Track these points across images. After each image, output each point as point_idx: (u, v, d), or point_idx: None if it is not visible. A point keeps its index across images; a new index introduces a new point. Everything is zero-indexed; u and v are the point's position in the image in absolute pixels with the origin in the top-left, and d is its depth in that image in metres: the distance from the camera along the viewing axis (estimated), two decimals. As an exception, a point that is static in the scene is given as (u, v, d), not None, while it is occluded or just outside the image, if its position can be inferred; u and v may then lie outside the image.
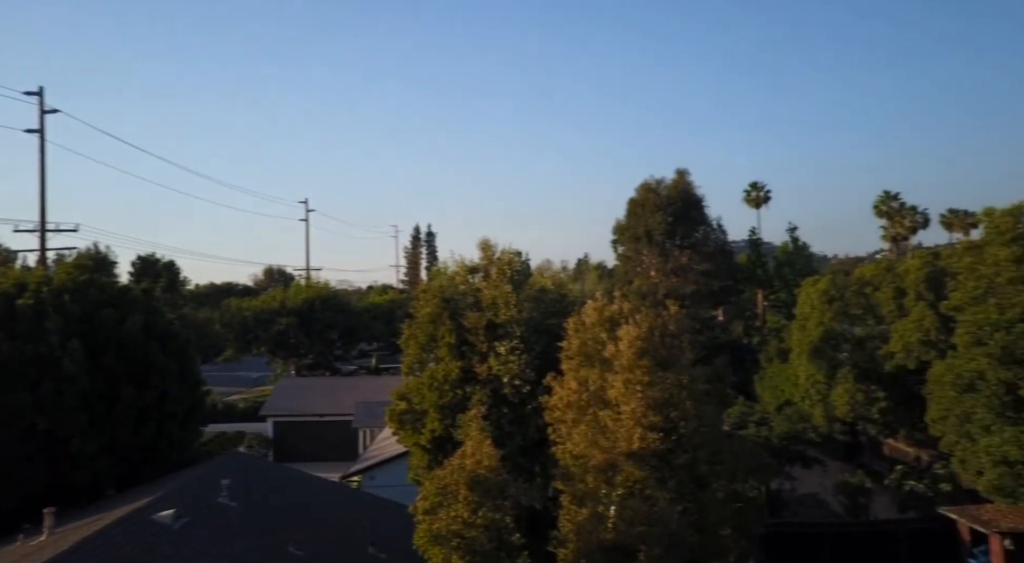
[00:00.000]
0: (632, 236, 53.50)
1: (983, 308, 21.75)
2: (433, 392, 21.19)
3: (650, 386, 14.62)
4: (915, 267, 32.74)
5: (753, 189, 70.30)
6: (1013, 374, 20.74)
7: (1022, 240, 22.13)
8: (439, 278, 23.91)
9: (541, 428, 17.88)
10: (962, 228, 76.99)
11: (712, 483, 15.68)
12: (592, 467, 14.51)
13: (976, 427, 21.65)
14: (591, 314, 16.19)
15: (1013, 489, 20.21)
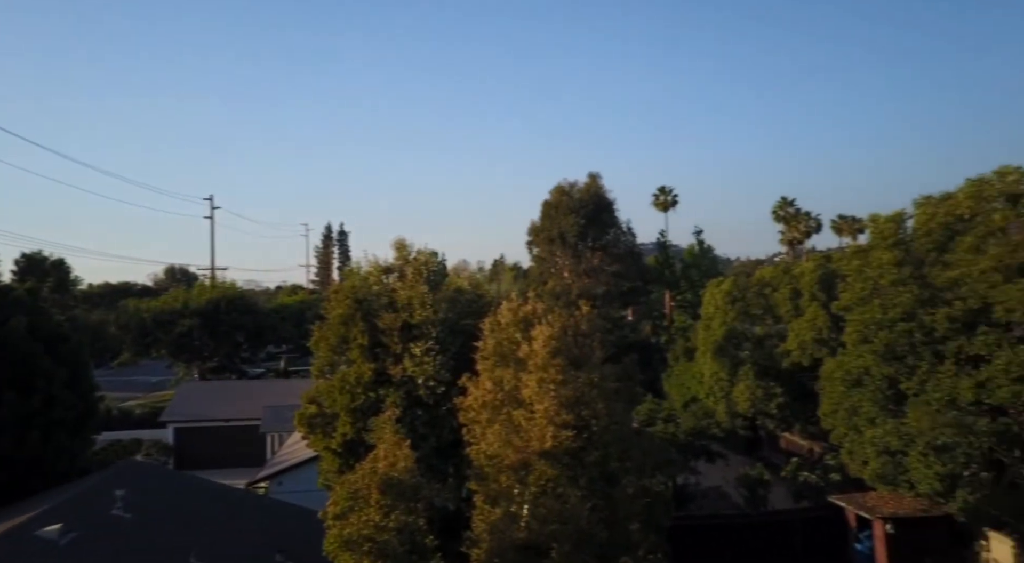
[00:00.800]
0: (546, 238, 54.14)
1: (869, 308, 23.21)
2: (345, 395, 20.73)
3: (563, 385, 14.77)
4: (809, 270, 34.62)
5: (661, 193, 72.69)
6: (894, 369, 22.24)
7: (903, 245, 23.79)
8: (352, 278, 23.39)
9: (455, 429, 17.78)
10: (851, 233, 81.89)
11: (622, 479, 15.97)
12: (506, 466, 14.53)
13: (862, 420, 23.09)
14: (506, 314, 16.23)
15: (894, 477, 21.67)
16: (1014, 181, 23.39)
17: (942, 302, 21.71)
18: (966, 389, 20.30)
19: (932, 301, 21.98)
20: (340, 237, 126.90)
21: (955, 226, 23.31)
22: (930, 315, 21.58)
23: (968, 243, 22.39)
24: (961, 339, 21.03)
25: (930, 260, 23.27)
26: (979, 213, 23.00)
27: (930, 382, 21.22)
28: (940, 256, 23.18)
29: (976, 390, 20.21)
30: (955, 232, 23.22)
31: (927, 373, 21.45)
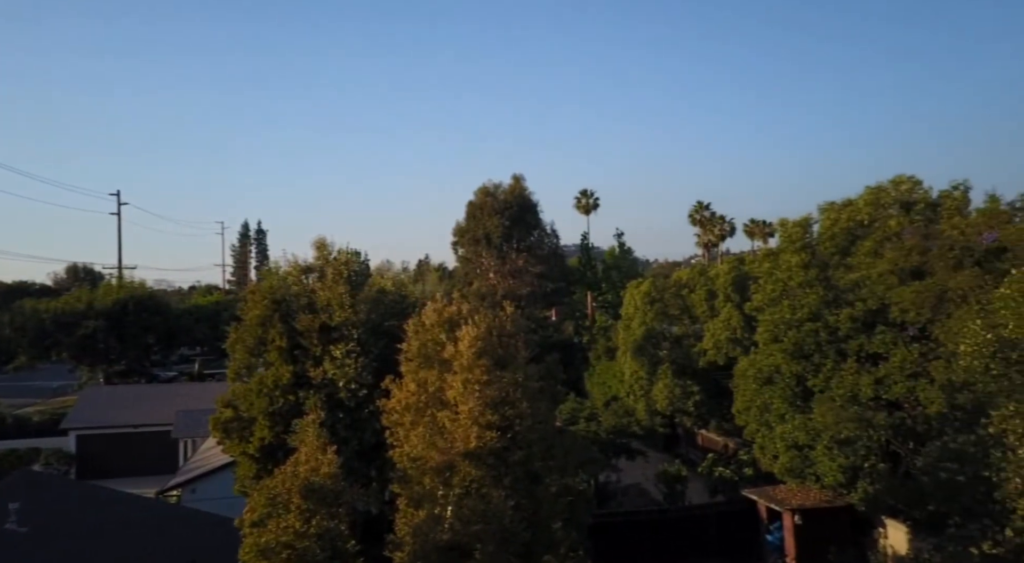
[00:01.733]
0: (471, 238, 54.20)
1: (779, 309, 24.31)
2: (263, 398, 20.14)
3: (488, 385, 14.76)
4: (724, 271, 35.92)
5: (583, 196, 74.08)
6: (802, 367, 23.37)
7: (809, 248, 25.04)
8: (270, 278, 22.75)
9: (378, 431, 17.55)
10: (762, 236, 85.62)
11: (545, 478, 16.09)
12: (430, 468, 14.42)
13: (773, 416, 24.15)
14: (431, 315, 16.10)
15: (801, 470, 22.77)
16: (907, 190, 25.02)
17: (845, 303, 22.96)
18: (866, 385, 21.54)
19: (836, 302, 23.21)
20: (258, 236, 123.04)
21: (856, 231, 24.72)
22: (834, 315, 22.78)
23: (867, 247, 23.78)
24: (862, 338, 22.29)
25: (834, 263, 24.57)
26: (877, 219, 24.48)
27: (834, 379, 22.40)
28: (843, 259, 24.52)
29: (875, 386, 21.47)
30: (856, 237, 24.62)
31: (832, 371, 22.63)
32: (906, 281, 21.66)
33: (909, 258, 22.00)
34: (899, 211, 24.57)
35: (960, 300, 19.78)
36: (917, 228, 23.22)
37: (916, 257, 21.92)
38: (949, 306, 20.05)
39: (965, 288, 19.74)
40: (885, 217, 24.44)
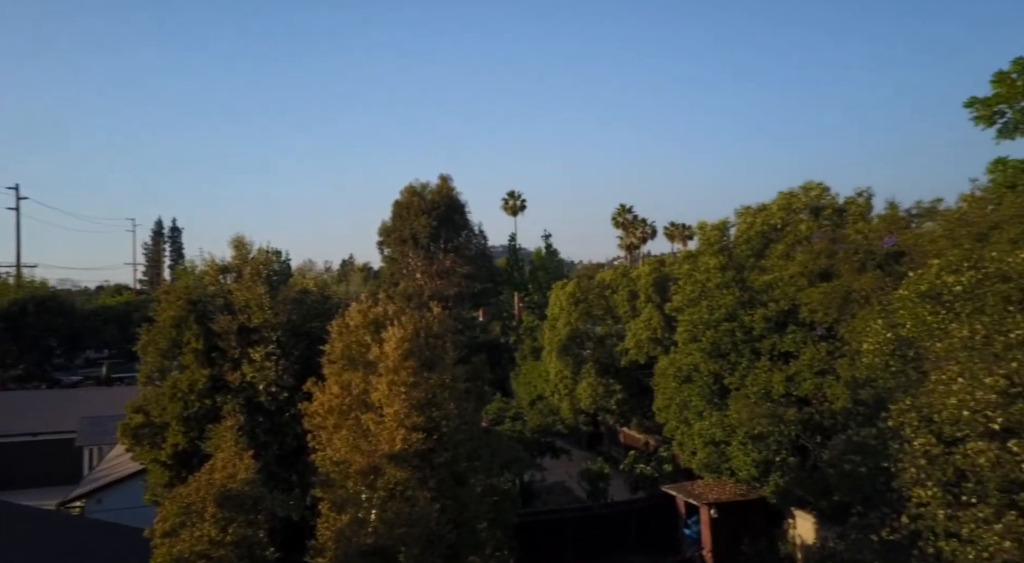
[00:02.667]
0: (398, 238, 53.64)
1: (697, 309, 25.13)
2: (177, 403, 19.36)
3: (414, 387, 14.68)
4: (645, 273, 36.84)
5: (511, 198, 74.38)
6: (719, 366, 24.24)
7: (727, 251, 26.01)
8: (185, 278, 21.92)
9: (300, 435, 17.16)
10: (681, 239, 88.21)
11: (470, 479, 16.13)
12: (353, 472, 14.22)
13: (692, 413, 24.94)
14: (356, 316, 15.88)
15: (717, 465, 23.60)
16: (816, 196, 26.35)
17: (759, 304, 23.96)
18: (778, 383, 22.54)
19: (751, 303, 24.18)
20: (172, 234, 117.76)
21: (770, 235, 25.84)
22: (749, 315, 23.72)
23: (780, 250, 24.89)
24: (774, 337, 23.31)
25: (749, 265, 25.60)
26: (789, 223, 25.66)
27: (749, 377, 23.33)
28: (758, 262, 25.57)
29: (786, 383, 22.49)
30: (770, 240, 25.73)
31: (747, 369, 23.56)
32: (815, 283, 22.78)
33: (818, 261, 23.15)
34: (809, 216, 25.85)
35: (863, 301, 20.95)
36: (825, 232, 24.47)
37: (824, 260, 23.08)
38: (854, 307, 21.21)
39: (868, 290, 20.93)
40: (796, 221, 25.65)
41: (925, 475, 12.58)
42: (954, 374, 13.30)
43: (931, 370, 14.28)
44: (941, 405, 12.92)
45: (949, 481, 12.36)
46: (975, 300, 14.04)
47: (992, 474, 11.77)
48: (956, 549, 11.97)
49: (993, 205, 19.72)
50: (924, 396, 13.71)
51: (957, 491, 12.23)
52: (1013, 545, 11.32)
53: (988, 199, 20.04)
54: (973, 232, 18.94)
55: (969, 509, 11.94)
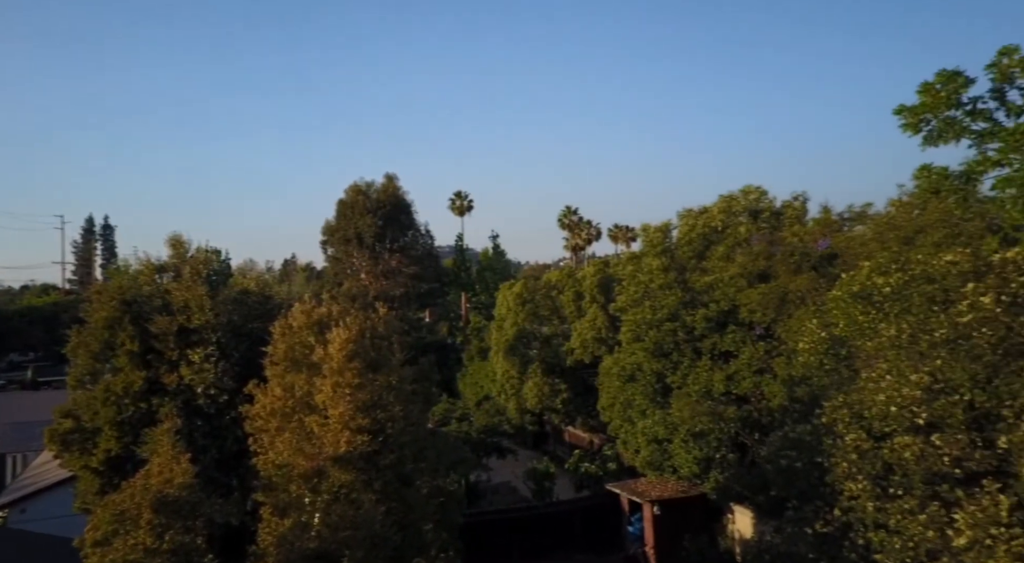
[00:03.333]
0: (342, 238, 52.90)
1: (641, 309, 25.57)
2: (110, 407, 18.67)
3: (360, 389, 14.53)
4: (590, 274, 37.28)
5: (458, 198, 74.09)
6: (662, 365, 24.72)
7: (669, 252, 26.53)
8: (119, 277, 21.13)
9: (240, 439, 16.78)
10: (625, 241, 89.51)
11: (417, 480, 16.05)
12: (296, 475, 13.99)
13: (635, 412, 25.35)
14: (299, 317, 15.61)
15: (660, 463, 24.07)
16: (755, 199, 27.14)
17: (700, 304, 24.52)
18: (719, 381, 23.12)
19: (692, 303, 24.74)
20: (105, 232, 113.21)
21: (711, 237, 26.47)
22: (691, 316, 24.26)
23: (720, 252, 25.53)
24: (715, 337, 23.90)
25: (691, 266, 26.18)
26: (729, 226, 26.35)
27: (690, 376, 23.86)
28: (699, 263, 26.18)
29: (726, 382, 23.09)
30: (710, 242, 26.37)
31: (688, 368, 24.09)
32: (753, 284, 23.45)
33: (756, 262, 23.84)
34: (748, 219, 26.59)
35: (799, 301, 21.68)
36: (763, 235, 25.22)
37: (762, 262, 23.78)
38: (790, 307, 21.92)
39: (803, 291, 21.67)
40: (736, 224, 26.36)
41: (856, 469, 13.11)
42: (883, 372, 13.90)
43: (862, 368, 14.89)
44: (871, 402, 13.48)
45: (878, 475, 12.90)
46: (902, 300, 14.69)
47: (917, 467, 12.34)
48: (884, 539, 12.51)
49: (919, 210, 20.66)
50: (855, 393, 14.29)
51: (885, 484, 12.78)
52: (935, 534, 11.90)
53: (914, 204, 20.97)
54: (900, 235, 19.82)
55: (896, 501, 12.50)
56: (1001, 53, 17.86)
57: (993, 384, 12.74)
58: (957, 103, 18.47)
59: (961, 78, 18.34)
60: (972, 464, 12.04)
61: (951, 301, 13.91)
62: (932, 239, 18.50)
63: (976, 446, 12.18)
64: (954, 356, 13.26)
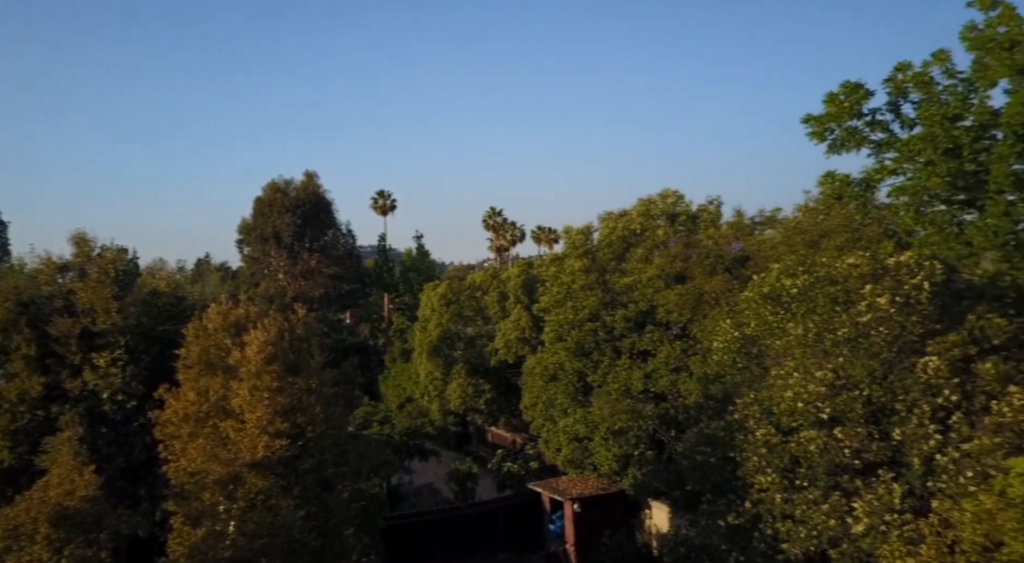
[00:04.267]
0: (259, 237, 51.41)
1: (563, 310, 25.96)
2: (3, 415, 17.56)
3: (278, 392, 14.25)
4: (514, 275, 37.55)
5: (380, 197, 72.84)
6: (583, 364, 25.17)
7: (591, 254, 27.04)
8: (13, 277, 19.85)
9: (149, 446, 16.10)
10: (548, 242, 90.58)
11: (337, 484, 15.84)
12: (211, 482, 13.55)
13: (557, 411, 25.72)
14: (214, 318, 15.12)
15: (581, 461, 24.49)
16: (672, 203, 28.03)
17: (620, 305, 25.10)
18: (637, 379, 23.73)
19: (613, 304, 25.30)
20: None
21: (630, 239, 27.15)
22: (611, 316, 24.80)
23: (639, 254, 26.23)
24: (634, 336, 24.52)
25: (611, 268, 26.78)
26: (648, 229, 27.10)
27: (611, 374, 24.39)
28: (619, 265, 26.80)
29: (645, 380, 23.72)
30: (630, 244, 27.04)
31: (608, 367, 24.62)
32: (671, 285, 24.19)
33: (673, 265, 24.61)
34: (666, 222, 27.43)
35: (714, 302, 22.51)
36: (680, 238, 26.06)
37: (679, 264, 24.57)
38: (705, 308, 22.73)
39: (718, 292, 22.51)
40: (654, 227, 27.13)
41: (765, 463, 13.74)
42: (790, 369, 14.63)
43: (772, 366, 15.62)
44: (780, 398, 14.17)
45: (785, 468, 13.57)
46: (808, 301, 15.48)
47: (821, 459, 13.05)
48: (790, 529, 13.17)
49: (823, 215, 21.82)
50: (765, 390, 14.97)
51: (792, 476, 13.46)
52: (836, 523, 12.62)
53: (819, 210, 22.13)
54: (807, 239, 20.89)
55: (801, 492, 13.18)
56: (897, 69, 19.04)
57: (888, 380, 13.64)
58: (859, 113, 19.54)
59: (862, 90, 19.43)
60: (870, 455, 12.83)
61: (852, 302, 14.77)
62: (835, 243, 19.57)
63: (873, 438, 12.99)
64: (854, 354, 14.11)
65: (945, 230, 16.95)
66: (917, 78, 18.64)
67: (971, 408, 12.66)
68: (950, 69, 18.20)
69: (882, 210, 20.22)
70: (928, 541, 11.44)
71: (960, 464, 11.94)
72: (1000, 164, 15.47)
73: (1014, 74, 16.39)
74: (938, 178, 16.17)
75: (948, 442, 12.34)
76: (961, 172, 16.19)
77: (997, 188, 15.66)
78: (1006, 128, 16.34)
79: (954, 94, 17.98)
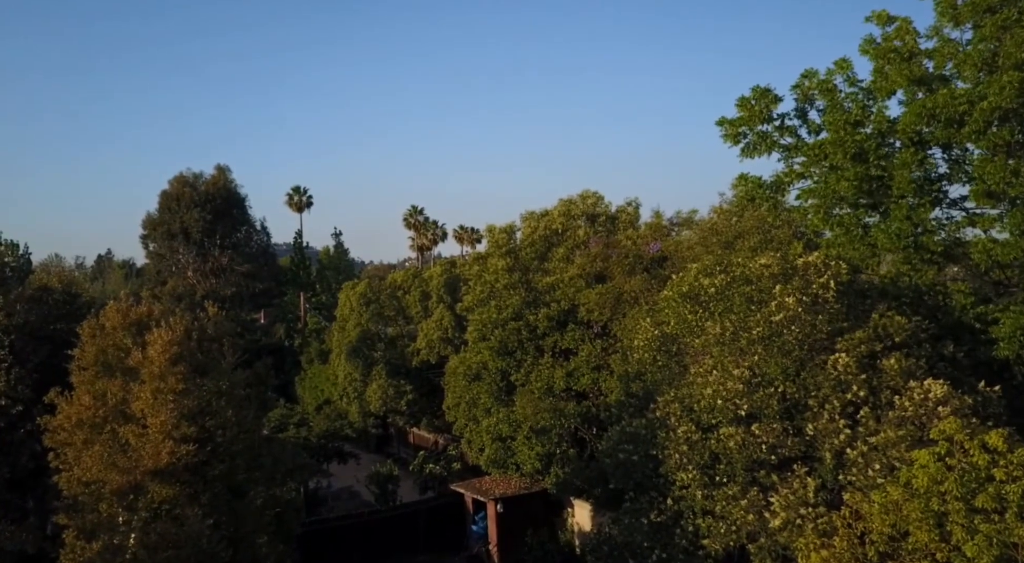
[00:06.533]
0: (166, 232, 48.89)
1: (487, 309, 25.73)
2: None
3: (184, 394, 13.52)
4: (437, 274, 37.10)
5: (296, 193, 70.07)
6: (507, 363, 25.00)
7: (513, 253, 26.90)
8: None
9: (38, 455, 14.88)
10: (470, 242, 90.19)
11: (249, 491, 15.22)
12: (109, 492, 12.62)
13: (480, 411, 25.45)
14: (112, 317, 14.13)
15: (504, 461, 24.32)
16: (593, 203, 28.23)
17: (543, 304, 25.08)
18: (559, 378, 23.74)
19: (535, 303, 25.25)
20: None
21: (552, 239, 27.18)
22: (534, 315, 24.74)
23: (561, 254, 26.29)
24: (556, 335, 24.53)
25: (534, 267, 26.73)
26: (569, 229, 27.19)
27: (534, 373, 24.31)
28: (541, 264, 26.79)
29: (567, 379, 23.76)
30: (552, 244, 27.07)
31: (531, 365, 24.54)
32: (591, 284, 24.34)
33: (594, 264, 24.77)
34: (586, 222, 27.60)
35: (633, 301, 22.77)
36: (600, 238, 26.26)
37: (599, 263, 24.75)
38: (625, 307, 22.96)
39: (637, 291, 22.79)
40: (575, 227, 27.25)
41: (686, 460, 13.88)
42: (709, 367, 14.86)
43: (691, 364, 15.83)
44: (700, 395, 14.35)
45: (705, 464, 13.75)
46: (725, 300, 15.80)
47: (739, 456, 13.28)
48: (711, 525, 13.34)
49: (737, 217, 22.42)
50: (685, 388, 15.15)
51: (712, 473, 13.64)
52: (755, 518, 12.85)
53: (733, 211, 22.74)
54: (722, 240, 21.40)
55: (721, 488, 13.38)
56: (803, 76, 19.77)
57: (801, 376, 14.03)
58: (769, 118, 20.18)
59: (771, 95, 20.08)
60: (785, 450, 13.15)
61: (765, 301, 15.14)
62: (749, 244, 20.13)
63: (788, 434, 13.32)
64: (769, 351, 14.45)
65: (851, 232, 17.64)
66: (822, 85, 19.39)
67: (877, 403, 13.16)
68: (851, 77, 19.05)
69: (792, 212, 20.95)
70: (840, 533, 11.79)
71: (868, 457, 12.39)
72: (902, 170, 16.23)
73: (911, 84, 17.22)
74: (846, 182, 16.80)
75: (857, 436, 12.78)
76: (867, 177, 16.88)
77: (900, 193, 16.42)
78: (902, 136, 17.20)
79: (855, 101, 18.79)
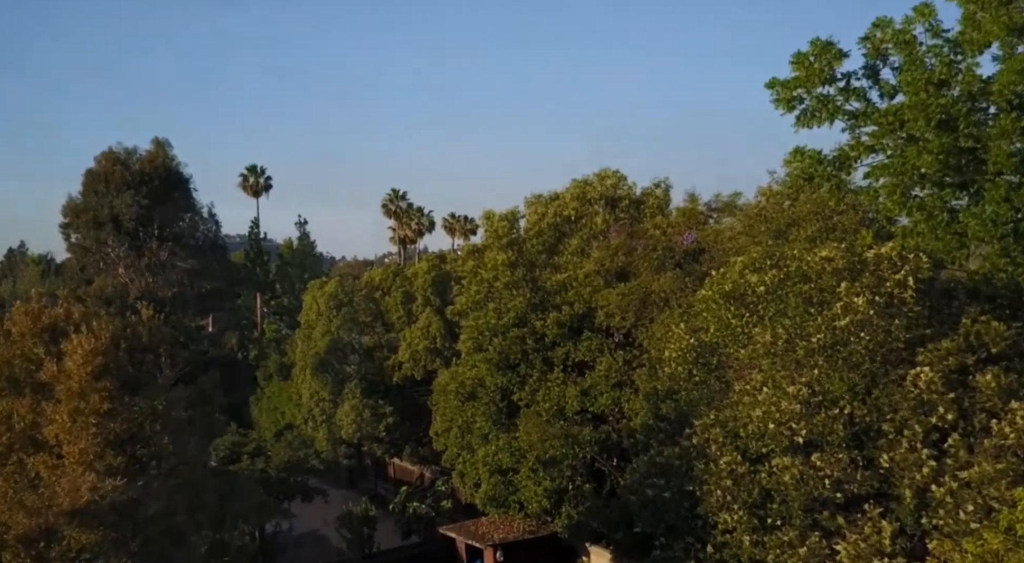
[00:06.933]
0: (92, 220, 48.73)
1: (484, 313, 25.60)
2: None
3: (110, 416, 13.60)
4: (423, 271, 37.01)
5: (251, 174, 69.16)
6: (508, 379, 24.84)
7: (516, 245, 26.69)
8: None
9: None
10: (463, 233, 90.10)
11: (192, 536, 15.26)
12: (14, 539, 12.55)
13: (475, 437, 25.29)
14: (20, 321, 14.13)
15: (505, 498, 24.17)
16: (612, 185, 27.96)
17: (552, 306, 24.91)
18: (572, 397, 23.54)
19: (543, 305, 25.09)
20: None
21: (563, 227, 27.00)
22: (541, 320, 24.56)
23: (574, 246, 26.10)
24: (569, 345, 24.36)
25: (541, 262, 26.56)
26: (584, 215, 26.98)
27: (541, 391, 24.14)
28: (550, 258, 26.62)
29: (581, 398, 23.56)
30: (563, 233, 26.89)
31: (538, 382, 24.36)
32: (612, 283, 24.15)
33: (614, 258, 24.58)
34: (605, 207, 27.37)
35: (663, 303, 22.55)
36: (622, 227, 26.04)
37: (621, 257, 24.55)
38: (652, 310, 22.74)
39: (667, 291, 22.57)
40: (591, 213, 27.06)
41: (731, 497, 13.61)
42: (758, 383, 14.58)
43: (735, 379, 15.55)
44: (746, 418, 14.07)
45: (755, 503, 13.48)
46: (777, 301, 15.49)
47: (796, 493, 13.01)
48: (762, 578, 13.06)
49: (790, 200, 22.14)
50: (729, 409, 14.88)
51: (762, 513, 13.36)
52: (817, 568, 12.57)
53: (785, 194, 22.47)
54: (772, 229, 21.17)
55: (774, 533, 13.10)
56: (875, 25, 19.18)
57: (873, 395, 13.74)
58: (831, 78, 19.69)
59: (835, 50, 19.52)
60: (853, 486, 12.88)
61: (827, 302, 14.84)
62: (806, 233, 19.86)
63: (857, 466, 13.03)
64: (832, 364, 14.16)
65: (934, 218, 17.27)
66: (898, 37, 18.83)
67: (969, 428, 12.89)
68: (935, 26, 18.39)
69: (859, 194, 20.61)
70: (924, 589, 11.52)
71: (959, 496, 12.12)
72: (1000, 141, 15.84)
73: (1010, 34, 16.78)
74: (929, 155, 16.41)
75: (944, 470, 12.53)
76: (955, 149, 16.49)
77: (996, 170, 16.05)
78: (999, 98, 16.73)
79: (940, 57, 18.26)
